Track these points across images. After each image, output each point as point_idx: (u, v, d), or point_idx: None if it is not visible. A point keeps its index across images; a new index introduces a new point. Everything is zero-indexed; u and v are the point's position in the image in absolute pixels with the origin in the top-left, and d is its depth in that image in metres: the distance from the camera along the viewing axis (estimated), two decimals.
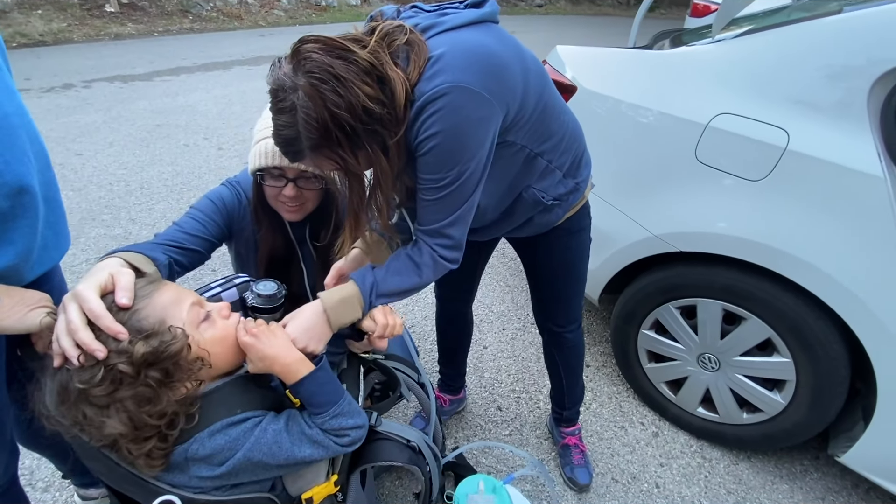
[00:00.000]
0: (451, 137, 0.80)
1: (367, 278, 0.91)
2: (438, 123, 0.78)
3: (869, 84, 1.19)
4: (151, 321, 0.72)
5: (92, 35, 6.75)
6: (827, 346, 1.34)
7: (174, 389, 0.72)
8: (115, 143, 3.68)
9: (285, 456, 0.77)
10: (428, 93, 0.77)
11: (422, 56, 0.79)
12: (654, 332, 1.70)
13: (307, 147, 0.77)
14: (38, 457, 1.49)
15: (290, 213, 1.17)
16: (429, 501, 1.06)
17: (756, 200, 1.36)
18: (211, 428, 0.74)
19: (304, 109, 0.73)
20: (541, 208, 1.07)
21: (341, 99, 0.73)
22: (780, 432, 1.53)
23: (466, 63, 0.78)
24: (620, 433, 1.75)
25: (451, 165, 0.83)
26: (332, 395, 0.82)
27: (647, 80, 1.62)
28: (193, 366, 0.74)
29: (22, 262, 0.75)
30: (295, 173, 1.10)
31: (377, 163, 0.83)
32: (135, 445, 0.70)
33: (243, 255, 1.31)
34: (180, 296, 0.78)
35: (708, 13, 4.66)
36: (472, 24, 0.83)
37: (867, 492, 1.59)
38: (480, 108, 0.79)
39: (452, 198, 0.87)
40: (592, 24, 12.22)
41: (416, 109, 0.79)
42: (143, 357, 0.68)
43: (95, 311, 0.68)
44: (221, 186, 1.23)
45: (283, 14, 9.34)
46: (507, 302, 2.41)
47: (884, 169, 1.18)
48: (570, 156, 1.05)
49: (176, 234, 1.06)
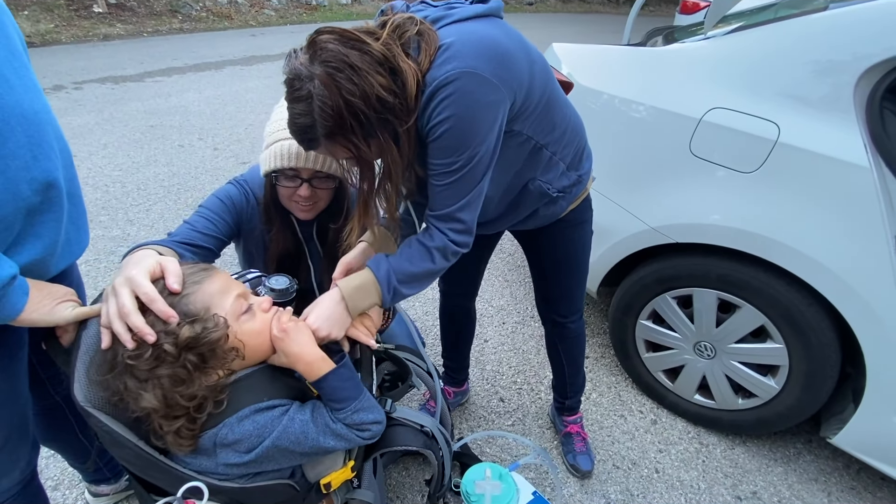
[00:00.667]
0: (463, 121, 0.83)
1: (382, 265, 0.94)
2: (450, 108, 0.81)
3: (855, 78, 1.24)
4: (198, 306, 0.76)
5: (80, 36, 6.68)
6: (818, 331, 1.39)
7: (207, 375, 0.76)
8: (109, 144, 3.67)
9: (311, 445, 0.80)
10: (439, 78, 0.80)
11: (432, 45, 0.82)
12: (651, 322, 1.74)
13: (322, 135, 0.80)
14: (47, 455, 1.50)
15: (304, 212, 1.20)
16: (441, 486, 1.09)
17: (749, 192, 1.41)
18: (239, 413, 0.77)
19: (320, 97, 0.76)
20: (546, 200, 1.10)
21: (356, 87, 0.75)
22: (774, 416, 1.58)
23: (476, 51, 0.81)
24: (620, 421, 1.80)
25: (463, 149, 0.86)
26: (353, 391, 0.85)
27: (643, 77, 1.66)
28: (228, 355, 0.78)
29: (48, 255, 0.77)
30: (310, 174, 1.13)
31: (388, 151, 0.85)
32: (165, 422, 0.74)
33: (252, 254, 1.33)
34: (228, 286, 0.82)
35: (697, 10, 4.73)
36: (479, 17, 0.87)
37: (858, 472, 1.65)
38: (490, 92, 0.83)
39: (464, 182, 0.90)
40: (583, 22, 12.31)
41: (428, 95, 0.82)
42: (186, 340, 0.72)
43: (150, 294, 0.73)
44: (229, 185, 1.25)
45: (273, 14, 9.30)
46: (507, 296, 2.44)
47: (870, 160, 1.23)
48: (572, 148, 1.09)
49: (189, 232, 1.08)
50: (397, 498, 1.49)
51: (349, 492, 0.96)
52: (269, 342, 0.84)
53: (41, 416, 1.04)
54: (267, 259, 1.30)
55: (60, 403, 1.04)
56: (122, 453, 0.77)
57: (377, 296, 0.93)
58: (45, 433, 1.09)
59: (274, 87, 5.32)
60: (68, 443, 1.15)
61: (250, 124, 4.22)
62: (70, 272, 0.92)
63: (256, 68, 5.96)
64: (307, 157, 1.11)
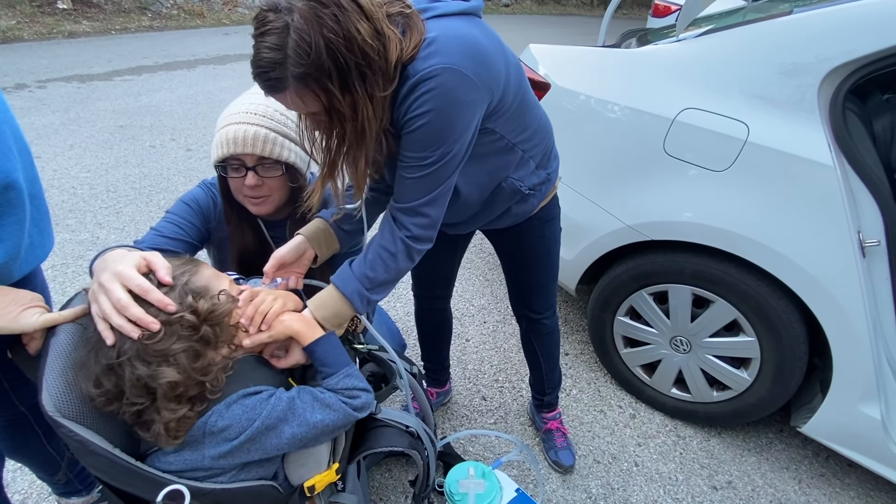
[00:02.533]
0: (441, 117, 0.82)
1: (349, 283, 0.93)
2: (430, 102, 0.80)
3: (818, 80, 1.29)
4: (201, 285, 0.79)
5: (44, 33, 6.43)
6: (788, 325, 1.44)
7: (218, 350, 0.78)
8: (76, 145, 3.54)
9: (298, 420, 0.79)
10: (422, 71, 0.79)
11: (417, 33, 0.80)
12: (628, 319, 1.78)
13: (293, 75, 0.72)
14: (14, 468, 1.45)
15: (255, 205, 1.13)
16: (426, 486, 1.09)
17: (720, 189, 1.45)
18: (227, 399, 0.77)
19: (299, 31, 0.69)
20: (518, 198, 1.12)
21: (339, 27, 0.70)
22: (747, 407, 1.63)
23: (460, 48, 0.81)
24: (600, 416, 1.82)
25: (438, 145, 0.85)
26: (344, 356, 0.88)
27: (618, 78, 1.69)
28: (236, 330, 0.82)
29: (11, 260, 0.74)
30: (253, 161, 1.07)
31: (364, 108, 0.78)
32: (174, 405, 0.73)
33: (222, 257, 1.29)
34: (218, 273, 0.86)
35: (669, 13, 4.83)
36: (460, 15, 0.87)
37: (826, 459, 1.72)
38: (470, 91, 0.83)
39: (434, 177, 0.89)
40: (558, 24, 12.46)
41: (410, 87, 0.81)
42: (205, 312, 0.75)
43: (143, 286, 0.72)
44: (197, 188, 1.22)
45: (247, 12, 9.13)
46: (487, 295, 2.46)
47: (833, 159, 1.28)
48: (541, 148, 1.12)
49: (156, 238, 1.06)
50: (380, 500, 1.48)
51: (333, 495, 0.95)
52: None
53: (5, 427, 1.00)
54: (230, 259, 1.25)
55: (26, 413, 0.99)
56: (96, 462, 0.75)
57: (351, 312, 0.95)
58: (11, 445, 1.05)
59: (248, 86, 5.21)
60: (35, 454, 1.11)
61: None
62: (34, 276, 0.89)
63: (230, 67, 5.85)
64: (247, 142, 1.04)
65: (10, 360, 0.79)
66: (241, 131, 1.04)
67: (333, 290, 0.94)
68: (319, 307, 0.93)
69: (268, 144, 1.06)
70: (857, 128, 1.40)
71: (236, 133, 1.04)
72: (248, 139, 1.04)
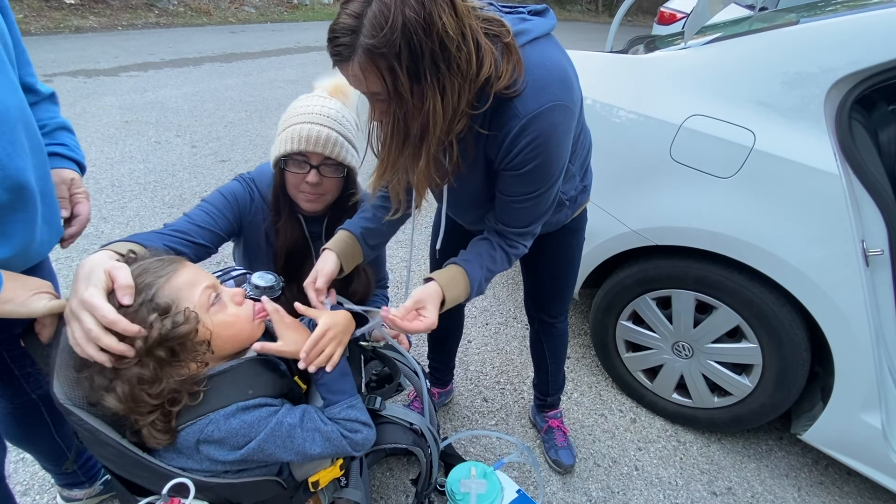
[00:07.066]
0: (551, 155, 0.85)
1: (476, 272, 0.97)
2: (541, 145, 0.83)
3: (824, 90, 1.30)
4: (166, 300, 0.75)
5: (51, 27, 6.46)
6: (790, 331, 1.44)
7: (178, 369, 0.75)
8: (81, 139, 3.49)
9: (296, 450, 0.80)
10: (534, 111, 0.79)
11: (518, 66, 0.79)
12: (631, 323, 1.78)
13: (363, 46, 0.69)
14: (16, 459, 1.45)
15: (310, 202, 1.18)
16: (428, 483, 1.09)
17: (725, 196, 1.45)
18: (226, 410, 0.76)
19: (381, 3, 0.67)
20: (557, 209, 1.14)
21: (423, 9, 0.68)
22: (748, 414, 1.63)
23: (558, 78, 0.82)
24: (601, 420, 1.83)
25: (548, 179, 0.89)
26: (350, 385, 0.86)
27: (626, 83, 1.70)
28: (199, 348, 0.77)
29: (17, 256, 0.75)
30: (319, 159, 1.13)
31: (433, 102, 0.74)
32: (139, 416, 0.73)
33: (252, 252, 1.30)
34: (196, 278, 0.80)
35: (674, 21, 4.86)
36: (545, 36, 0.88)
37: (826, 468, 1.72)
38: (572, 120, 0.86)
39: (543, 201, 0.94)
40: (564, 30, 12.42)
41: (521, 127, 0.81)
42: (156, 338, 0.71)
43: (109, 317, 0.68)
44: (234, 182, 1.24)
45: (253, 11, 9.18)
46: (490, 297, 2.46)
47: (839, 167, 1.29)
48: (583, 160, 1.14)
49: (186, 225, 1.07)
50: (381, 498, 1.48)
51: (337, 490, 0.95)
52: (243, 335, 0.84)
53: (15, 415, 1.00)
54: (274, 254, 1.27)
55: (37, 402, 1.00)
56: (105, 452, 0.75)
57: (463, 298, 0.97)
58: (19, 433, 1.05)
59: (254, 84, 5.25)
60: (42, 443, 1.11)
61: (230, 122, 4.14)
62: (42, 266, 0.89)
63: (236, 65, 5.87)
64: (319, 142, 1.11)
65: (20, 347, 0.80)
66: (315, 131, 1.10)
67: (462, 274, 0.96)
68: (449, 286, 0.94)
69: (336, 147, 1.13)
70: (862, 138, 1.41)
71: (310, 132, 1.10)
72: (320, 139, 1.10)
